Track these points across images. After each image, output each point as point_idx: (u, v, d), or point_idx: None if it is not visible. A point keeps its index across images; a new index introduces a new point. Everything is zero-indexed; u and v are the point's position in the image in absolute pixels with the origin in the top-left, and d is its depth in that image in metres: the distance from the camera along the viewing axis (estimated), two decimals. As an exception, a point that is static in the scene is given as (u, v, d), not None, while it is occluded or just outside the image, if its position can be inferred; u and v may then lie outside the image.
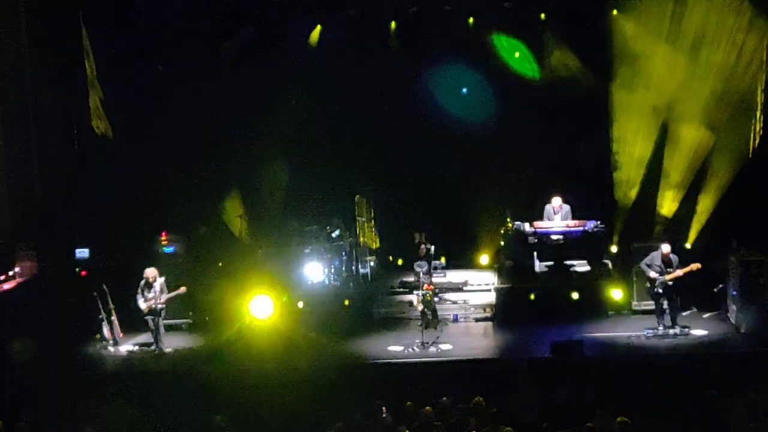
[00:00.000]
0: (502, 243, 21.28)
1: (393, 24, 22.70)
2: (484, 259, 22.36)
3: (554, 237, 20.45)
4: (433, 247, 19.88)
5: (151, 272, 18.38)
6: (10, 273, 20.27)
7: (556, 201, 20.76)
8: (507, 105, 22.94)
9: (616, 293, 19.69)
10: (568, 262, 20.70)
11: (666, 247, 18.14)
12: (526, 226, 20.55)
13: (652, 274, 18.07)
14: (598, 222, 20.44)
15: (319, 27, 22.92)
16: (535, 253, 20.74)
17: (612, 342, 18.00)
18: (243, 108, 22.99)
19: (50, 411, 14.70)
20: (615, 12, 22.07)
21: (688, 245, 20.36)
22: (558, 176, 22.00)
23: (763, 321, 17.96)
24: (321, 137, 23.14)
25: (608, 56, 21.88)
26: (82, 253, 21.03)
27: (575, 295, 19.48)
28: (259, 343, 18.12)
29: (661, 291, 18.05)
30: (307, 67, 22.91)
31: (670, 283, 18.03)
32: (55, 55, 22.77)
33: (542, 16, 22.60)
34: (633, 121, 21.82)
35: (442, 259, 21.64)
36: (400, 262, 22.31)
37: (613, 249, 21.09)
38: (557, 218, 20.70)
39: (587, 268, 20.74)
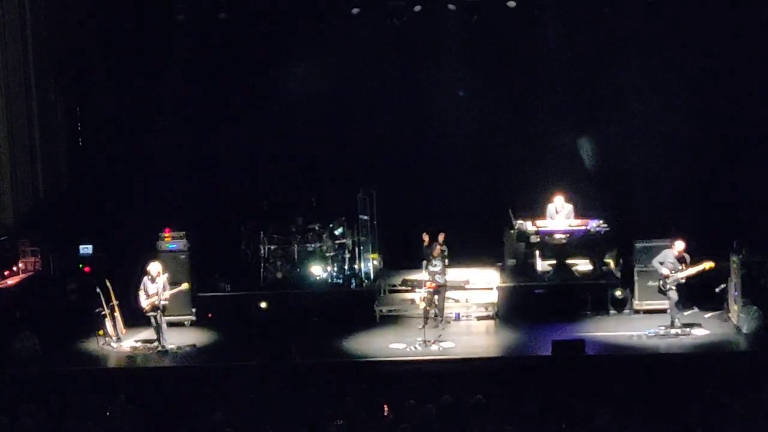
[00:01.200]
0: (505, 242, 21.29)
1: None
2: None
3: (557, 236, 20.47)
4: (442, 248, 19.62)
5: (154, 268, 18.41)
6: (14, 269, 20.33)
7: (559, 200, 20.76)
8: (508, 102, 22.97)
9: (618, 292, 19.74)
10: (571, 262, 20.73)
11: (680, 245, 18.14)
12: (529, 225, 20.57)
13: (665, 271, 18.05)
14: (601, 221, 20.45)
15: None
16: (537, 252, 20.77)
17: (613, 341, 18.02)
18: (243, 105, 23.03)
19: (53, 407, 14.72)
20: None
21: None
22: (561, 175, 22.03)
23: (764, 322, 18.01)
24: (324, 133, 23.15)
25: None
26: (86, 249, 21.07)
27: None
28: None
29: (674, 288, 18.04)
30: (311, 61, 22.98)
31: (683, 280, 18.04)
32: (59, 53, 22.86)
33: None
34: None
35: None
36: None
37: (615, 248, 21.05)
38: (560, 217, 20.71)
39: (589, 267, 20.77)
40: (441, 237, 19.69)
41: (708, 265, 18.04)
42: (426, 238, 20.28)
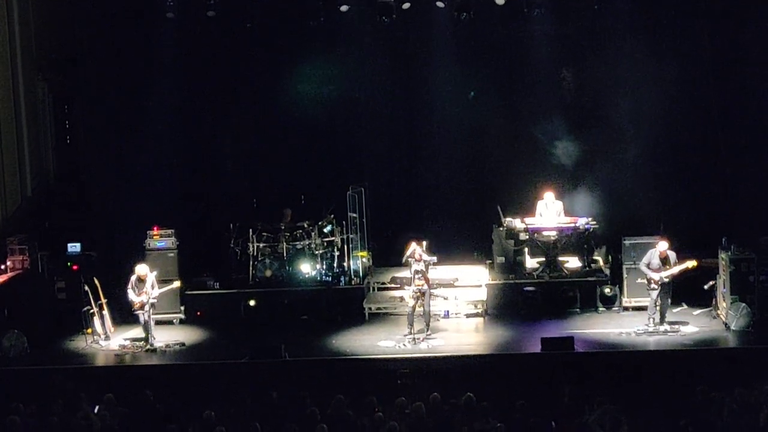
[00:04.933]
0: (494, 239, 21.29)
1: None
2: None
3: (546, 233, 20.47)
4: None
5: (142, 268, 18.37)
6: (2, 267, 20.25)
7: (549, 197, 20.77)
8: (498, 99, 22.97)
9: (607, 290, 19.77)
10: (560, 259, 20.74)
11: (663, 244, 18.17)
12: (518, 223, 20.57)
13: (656, 277, 18.02)
14: (590, 218, 20.48)
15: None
16: (526, 250, 20.78)
17: (603, 338, 18.05)
18: (235, 101, 22.99)
19: (41, 405, 14.68)
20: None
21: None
22: (550, 172, 22.05)
23: (752, 318, 18.06)
24: (313, 131, 23.12)
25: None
26: (74, 247, 20.99)
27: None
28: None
29: (657, 288, 18.07)
30: (300, 59, 22.95)
31: (667, 280, 18.07)
32: (47, 50, 22.78)
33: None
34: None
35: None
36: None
37: (604, 245, 21.07)
38: (549, 214, 20.70)
39: (579, 264, 20.79)
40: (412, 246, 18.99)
41: (690, 264, 18.08)
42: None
